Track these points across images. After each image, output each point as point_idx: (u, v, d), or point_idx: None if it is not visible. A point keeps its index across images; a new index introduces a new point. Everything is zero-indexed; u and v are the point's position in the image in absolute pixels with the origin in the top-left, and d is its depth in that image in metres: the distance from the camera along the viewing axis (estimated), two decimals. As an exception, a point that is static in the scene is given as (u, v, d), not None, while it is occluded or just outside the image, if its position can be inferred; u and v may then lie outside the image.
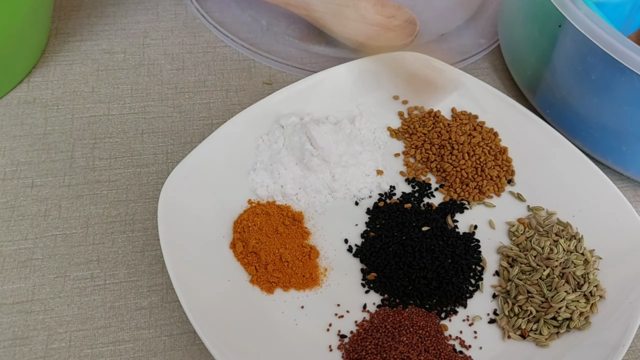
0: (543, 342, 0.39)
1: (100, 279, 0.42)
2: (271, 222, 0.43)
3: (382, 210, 0.46)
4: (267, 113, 0.48)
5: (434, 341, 0.39)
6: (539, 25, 0.50)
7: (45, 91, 0.52)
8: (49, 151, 0.48)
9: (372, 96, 0.51)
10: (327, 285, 0.42)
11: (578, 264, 0.41)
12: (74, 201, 0.46)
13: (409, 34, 0.58)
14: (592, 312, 0.40)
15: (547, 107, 0.51)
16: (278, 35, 0.59)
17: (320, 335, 0.39)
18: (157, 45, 0.57)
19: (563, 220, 0.45)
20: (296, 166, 0.46)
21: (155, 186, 0.47)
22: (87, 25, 0.58)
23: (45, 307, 0.41)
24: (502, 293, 0.42)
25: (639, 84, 0.42)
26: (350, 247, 0.44)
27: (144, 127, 0.51)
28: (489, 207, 0.46)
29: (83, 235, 0.44)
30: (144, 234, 0.44)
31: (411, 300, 0.41)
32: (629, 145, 0.47)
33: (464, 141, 0.48)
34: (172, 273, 0.38)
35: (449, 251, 0.43)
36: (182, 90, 0.54)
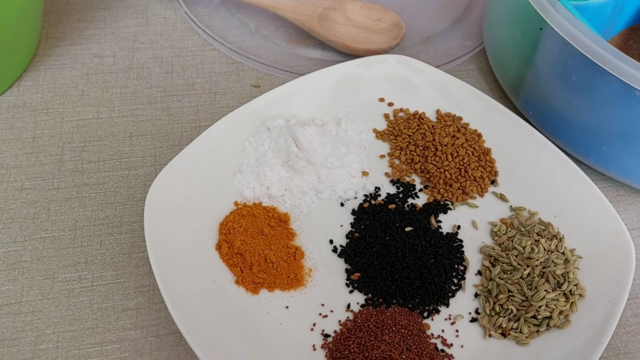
0: (523, 340, 0.40)
1: (87, 280, 0.43)
2: (257, 223, 0.44)
3: (366, 211, 0.46)
4: (254, 116, 0.49)
5: (416, 340, 0.39)
6: (521, 28, 0.50)
7: (35, 95, 0.53)
8: (38, 154, 0.49)
9: (358, 98, 0.52)
10: (311, 285, 0.42)
11: (558, 263, 0.42)
12: (63, 204, 0.46)
13: (396, 37, 0.58)
14: (571, 311, 0.41)
15: (530, 108, 0.52)
16: (266, 38, 0.59)
17: (304, 335, 0.40)
18: (147, 49, 0.58)
19: (545, 220, 0.45)
20: (282, 168, 0.47)
21: (143, 188, 0.47)
22: (77, 29, 0.59)
23: (33, 309, 0.41)
24: (484, 292, 0.42)
25: (617, 85, 0.43)
26: (335, 248, 0.44)
27: (133, 130, 0.51)
28: (472, 207, 0.47)
29: (71, 238, 0.45)
30: (132, 236, 0.45)
31: (394, 299, 0.42)
32: (609, 146, 0.47)
33: (448, 142, 0.49)
34: (158, 274, 0.38)
35: (432, 251, 0.44)
36: (170, 93, 0.54)
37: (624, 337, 0.43)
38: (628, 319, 0.44)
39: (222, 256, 0.42)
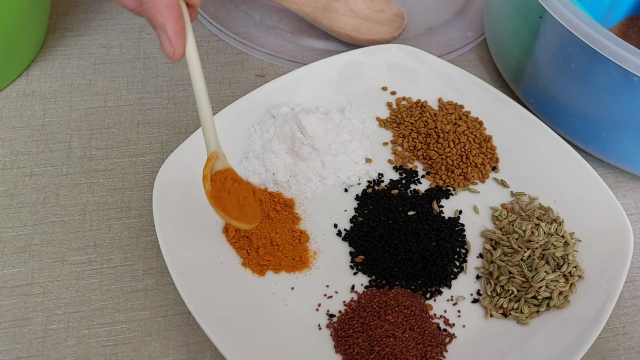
0: (524, 320, 0.41)
1: (97, 263, 0.44)
2: (263, 207, 0.45)
3: (370, 196, 0.47)
4: (259, 104, 0.49)
5: (418, 320, 0.40)
6: (521, 17, 0.51)
7: (44, 84, 0.54)
8: (47, 142, 0.50)
9: (361, 87, 0.53)
10: (316, 267, 0.43)
11: (558, 246, 0.43)
12: (72, 189, 0.47)
13: (398, 28, 0.59)
14: (571, 291, 0.41)
15: (531, 96, 0.53)
16: (270, 29, 0.60)
17: (309, 315, 0.41)
18: (153, 40, 0.58)
19: (544, 205, 0.46)
20: (287, 154, 0.48)
21: (151, 174, 0.48)
22: (84, 20, 0.60)
23: (44, 290, 0.42)
24: (485, 274, 0.43)
25: (616, 72, 0.43)
26: (340, 232, 0.45)
27: (140, 118, 0.52)
28: (473, 193, 0.48)
29: (80, 222, 0.46)
30: (139, 220, 0.46)
31: (397, 281, 0.43)
32: (608, 133, 0.48)
33: (450, 130, 0.50)
34: (167, 256, 0.39)
35: (434, 234, 0.44)
36: (177, 82, 0.55)
37: (622, 319, 0.44)
38: (626, 301, 0.45)
39: (229, 239, 0.43)
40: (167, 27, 0.35)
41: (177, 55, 0.35)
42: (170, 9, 0.35)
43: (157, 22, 0.35)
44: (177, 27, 0.35)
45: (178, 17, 0.35)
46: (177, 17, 0.35)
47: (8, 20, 0.49)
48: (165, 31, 0.35)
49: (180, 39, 0.35)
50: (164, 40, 0.35)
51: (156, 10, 0.34)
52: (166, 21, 0.34)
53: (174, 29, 0.35)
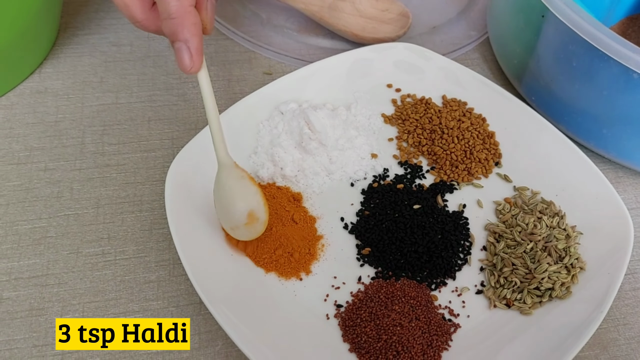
0: (527, 310, 0.42)
1: (110, 255, 0.45)
2: (273, 204, 0.46)
3: (376, 190, 0.48)
4: (268, 100, 0.51)
5: (424, 310, 0.41)
6: (524, 16, 0.52)
7: (56, 81, 0.55)
8: (60, 137, 0.51)
9: (367, 84, 0.54)
10: (324, 259, 0.44)
11: (560, 239, 0.44)
12: (85, 183, 0.48)
13: (402, 27, 0.60)
14: (572, 283, 0.42)
15: (533, 94, 0.54)
16: (277, 28, 0.61)
17: (318, 305, 0.42)
18: (162, 39, 0.60)
19: (547, 199, 0.47)
20: (295, 149, 0.49)
21: (162, 169, 0.49)
22: (95, 19, 0.61)
23: (59, 281, 0.43)
24: (489, 266, 0.44)
25: (616, 69, 0.44)
26: (346, 225, 0.46)
27: (151, 114, 0.53)
28: (477, 187, 0.49)
29: (94, 215, 0.47)
30: (152, 214, 0.47)
31: (403, 272, 0.44)
32: (609, 129, 0.49)
33: (454, 126, 0.51)
34: (180, 248, 0.41)
35: (439, 228, 0.46)
36: (186, 80, 0.56)
37: (623, 310, 0.45)
38: (627, 293, 0.46)
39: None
40: (191, 43, 0.36)
41: (194, 69, 0.37)
42: (197, 27, 0.37)
43: (181, 37, 0.36)
44: (199, 45, 0.37)
45: (200, 36, 0.37)
46: (200, 35, 0.37)
47: (22, 21, 0.50)
48: (189, 46, 0.36)
49: (200, 56, 0.37)
50: (185, 55, 0.37)
51: (184, 26, 0.36)
52: (191, 37, 0.36)
53: (197, 45, 0.37)
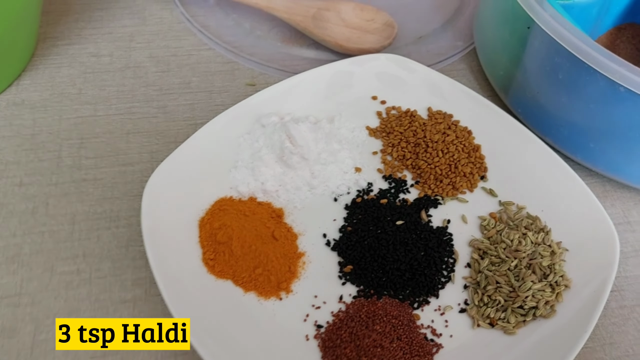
0: (510, 329, 0.41)
1: (86, 273, 0.44)
2: (250, 224, 0.45)
3: (359, 206, 0.47)
4: (249, 113, 0.50)
5: (406, 329, 0.40)
6: (509, 27, 0.52)
7: (34, 93, 0.54)
8: (36, 151, 0.50)
9: (351, 96, 0.53)
10: (305, 277, 0.43)
11: (545, 255, 0.43)
12: (61, 199, 0.47)
13: (388, 37, 0.60)
14: (557, 301, 0.42)
15: (519, 106, 0.53)
16: (261, 38, 0.60)
17: (297, 325, 0.41)
18: (143, 49, 0.59)
19: (532, 214, 0.47)
20: (276, 164, 0.48)
21: (140, 184, 0.48)
22: (75, 29, 0.60)
23: (33, 300, 0.42)
24: (473, 284, 0.43)
25: (602, 82, 0.44)
26: (329, 241, 0.45)
27: (130, 127, 0.52)
28: (462, 202, 0.48)
29: (69, 232, 0.46)
30: (129, 230, 0.46)
31: (385, 291, 0.43)
32: (596, 143, 0.49)
33: (439, 139, 0.50)
34: (154, 267, 0.39)
35: (422, 244, 0.45)
36: (167, 91, 0.55)
37: (609, 328, 0.44)
38: (613, 311, 0.45)
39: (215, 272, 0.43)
40: None
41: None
42: None
43: None
44: None
45: None
46: None
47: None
48: None
49: None
50: None
51: None
52: None
53: None
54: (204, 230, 0.43)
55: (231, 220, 0.44)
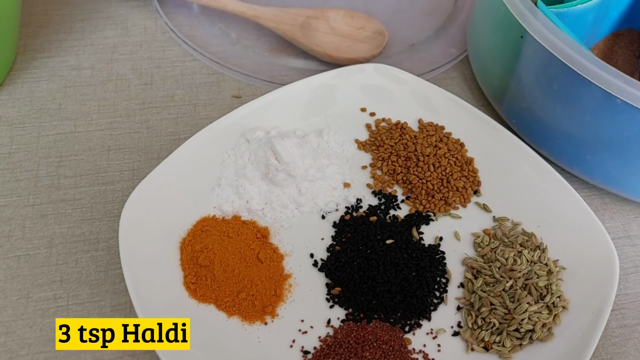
0: (506, 354, 0.39)
1: (63, 299, 0.42)
2: (232, 245, 0.43)
3: (348, 223, 0.45)
4: (233, 127, 0.48)
5: (397, 356, 0.39)
6: (503, 35, 0.50)
7: (12, 109, 0.52)
8: (13, 170, 0.48)
9: (339, 109, 0.51)
10: (291, 301, 0.42)
11: (541, 275, 0.41)
12: (38, 221, 0.45)
13: (379, 45, 0.58)
14: (554, 323, 0.40)
15: (514, 117, 0.52)
16: (247, 48, 0.59)
17: (283, 352, 0.39)
18: (126, 60, 0.57)
19: (528, 230, 0.45)
20: (262, 181, 0.46)
21: (121, 204, 0.46)
22: (55, 41, 0.58)
23: (7, 330, 0.40)
24: (466, 305, 0.42)
25: (599, 94, 0.42)
26: (316, 262, 0.44)
27: (111, 143, 0.50)
28: (454, 218, 0.46)
29: (46, 256, 0.44)
30: (108, 253, 0.44)
31: (375, 314, 0.41)
32: (593, 155, 0.47)
33: (430, 153, 0.48)
34: (133, 292, 0.38)
35: (414, 264, 0.43)
36: (149, 105, 0.54)
37: (610, 349, 0.42)
38: (613, 330, 0.43)
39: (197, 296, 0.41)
40: None
41: None
42: None
43: None
44: None
45: None
46: None
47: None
48: None
49: None
50: None
51: None
52: None
53: None
54: (185, 253, 0.42)
55: (213, 242, 0.42)
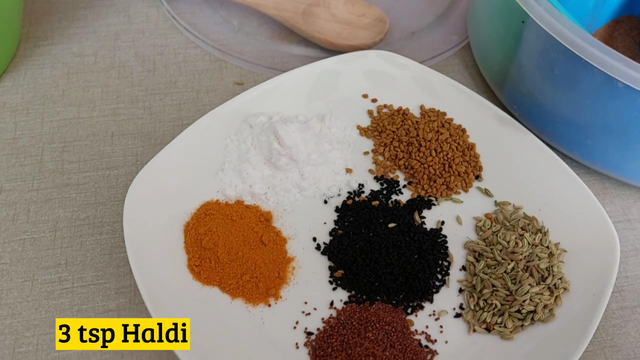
0: (508, 335, 0.39)
1: (68, 282, 0.42)
2: (236, 229, 0.43)
3: (350, 208, 0.46)
4: (236, 113, 0.48)
5: (399, 336, 0.39)
6: (504, 21, 0.50)
7: (15, 95, 0.52)
8: (18, 155, 0.48)
9: (341, 95, 0.51)
10: (294, 283, 0.42)
11: (542, 257, 0.42)
12: (43, 205, 0.46)
13: (380, 32, 0.58)
14: (556, 305, 0.40)
15: (515, 102, 0.52)
16: (249, 35, 0.59)
17: (287, 333, 0.40)
18: (128, 48, 0.57)
19: (529, 214, 0.45)
20: (265, 165, 0.46)
21: (124, 188, 0.47)
22: (58, 28, 0.58)
23: (12, 312, 0.41)
24: (468, 287, 0.42)
25: (600, 77, 0.42)
26: (319, 245, 0.44)
27: (114, 129, 0.51)
28: (456, 202, 0.47)
29: (51, 239, 0.44)
30: (112, 237, 0.44)
31: (378, 296, 0.41)
32: (594, 139, 0.47)
33: (432, 138, 0.48)
34: (137, 275, 0.38)
35: (416, 247, 0.43)
36: (152, 92, 0.54)
37: (610, 330, 0.43)
38: (614, 312, 0.43)
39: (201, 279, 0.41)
40: None
41: None
42: None
43: None
44: None
45: None
46: None
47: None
48: None
49: None
50: None
51: None
52: None
53: None
54: (189, 236, 0.42)
55: (217, 225, 0.42)
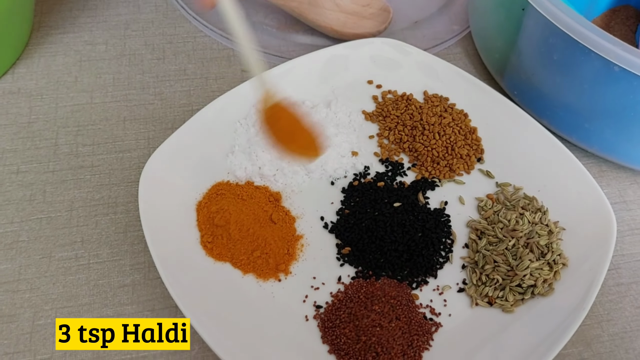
0: (509, 308, 0.41)
1: (84, 259, 0.44)
2: (248, 208, 0.45)
3: (356, 189, 0.47)
4: (245, 98, 0.49)
5: (405, 309, 0.41)
6: (505, 9, 0.52)
7: (30, 82, 0.54)
8: (33, 139, 0.50)
9: (347, 81, 0.53)
10: (303, 259, 0.44)
11: (542, 235, 0.43)
12: (58, 186, 0.47)
13: (383, 22, 0.59)
14: (555, 279, 0.42)
15: (515, 88, 0.53)
16: (256, 24, 0.60)
17: (297, 306, 0.41)
18: (138, 36, 0.59)
19: (529, 194, 0.47)
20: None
21: (137, 170, 0.48)
22: (69, 18, 0.60)
23: (31, 286, 0.42)
24: (471, 264, 0.44)
25: (597, 62, 0.44)
26: (326, 224, 0.46)
27: (126, 114, 0.52)
28: (459, 184, 0.48)
29: (67, 218, 0.46)
30: (127, 216, 0.46)
31: (383, 272, 0.43)
32: (591, 123, 0.49)
33: (435, 122, 0.50)
34: (154, 251, 0.40)
35: (420, 225, 0.45)
36: (163, 78, 0.55)
37: (607, 305, 0.44)
38: (610, 288, 0.45)
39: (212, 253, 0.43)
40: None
41: None
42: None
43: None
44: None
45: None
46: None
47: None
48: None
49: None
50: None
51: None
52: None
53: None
54: (202, 214, 0.43)
55: (229, 203, 0.44)
